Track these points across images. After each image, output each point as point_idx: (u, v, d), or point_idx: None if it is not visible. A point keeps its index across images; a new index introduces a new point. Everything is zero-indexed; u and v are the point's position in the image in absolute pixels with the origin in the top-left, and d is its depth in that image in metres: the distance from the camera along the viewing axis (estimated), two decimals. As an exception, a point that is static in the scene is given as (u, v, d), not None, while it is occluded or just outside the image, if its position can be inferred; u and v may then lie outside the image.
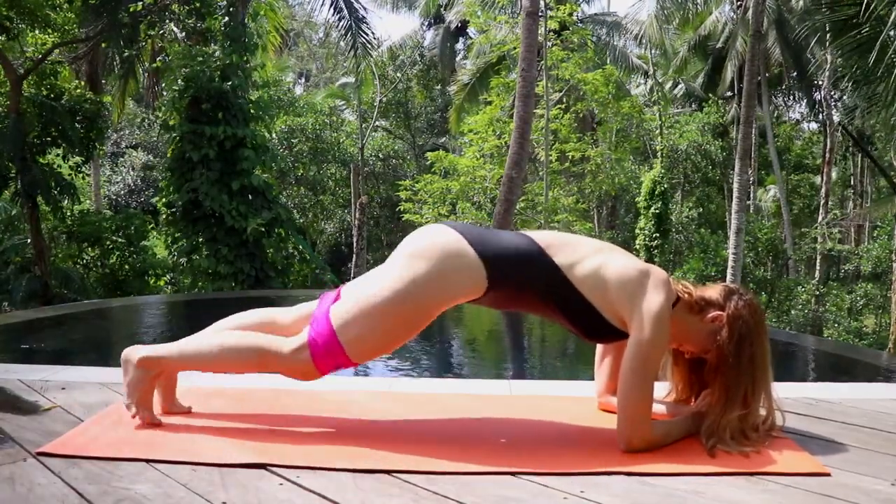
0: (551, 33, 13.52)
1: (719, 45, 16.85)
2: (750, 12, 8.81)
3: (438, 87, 21.68)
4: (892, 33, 5.52)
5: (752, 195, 16.49)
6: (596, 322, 1.57)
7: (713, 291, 1.64)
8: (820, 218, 15.59)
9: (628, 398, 1.49)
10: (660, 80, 17.42)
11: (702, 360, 1.66)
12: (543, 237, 1.61)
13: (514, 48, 12.65)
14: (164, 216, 8.29)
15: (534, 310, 1.67)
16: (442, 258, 1.53)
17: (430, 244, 1.56)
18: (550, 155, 13.41)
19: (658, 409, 1.72)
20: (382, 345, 1.59)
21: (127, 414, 1.66)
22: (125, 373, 1.61)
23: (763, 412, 1.61)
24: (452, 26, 20.33)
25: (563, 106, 14.49)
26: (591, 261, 1.56)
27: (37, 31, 7.81)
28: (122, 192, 16.66)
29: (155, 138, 18.00)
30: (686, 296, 1.62)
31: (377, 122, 21.55)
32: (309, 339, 1.53)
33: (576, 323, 1.60)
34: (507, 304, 1.68)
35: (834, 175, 17.21)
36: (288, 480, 1.32)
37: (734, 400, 1.54)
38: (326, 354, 1.52)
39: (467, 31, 20.16)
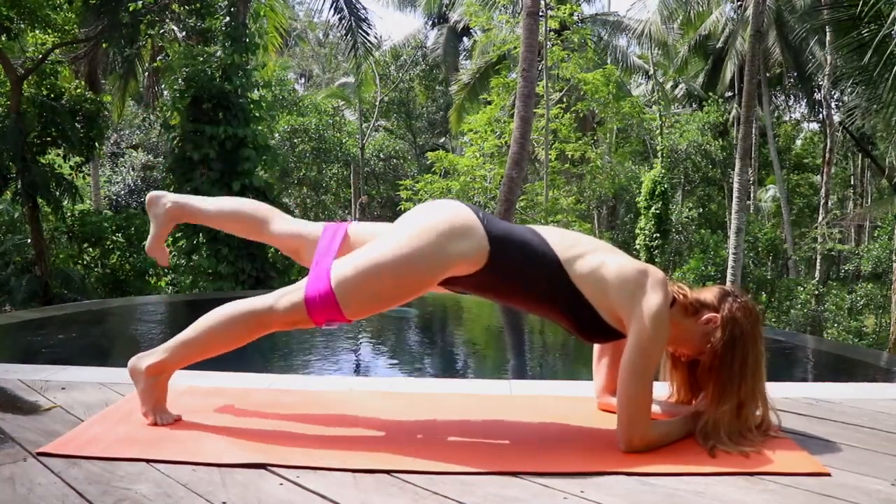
0: (552, 33, 13.53)
1: (719, 44, 16.84)
2: (750, 12, 8.80)
3: (441, 87, 21.65)
4: (894, 33, 5.51)
5: (752, 195, 16.48)
6: (592, 321, 1.57)
7: (708, 293, 1.64)
8: (820, 218, 15.58)
9: (628, 398, 1.49)
10: (660, 80, 17.40)
11: (700, 362, 1.66)
12: (548, 233, 1.62)
13: (515, 48, 12.66)
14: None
15: (529, 304, 1.65)
16: (448, 226, 1.54)
17: (438, 212, 1.58)
18: (550, 155, 13.41)
19: (658, 409, 1.73)
20: (378, 305, 1.59)
21: (127, 414, 1.66)
22: (136, 383, 1.63)
23: (758, 414, 1.61)
24: (459, 27, 20.30)
25: (563, 106, 14.50)
26: (591, 259, 1.56)
27: (37, 31, 7.80)
28: (122, 192, 16.62)
29: (155, 138, 17.99)
30: (681, 297, 1.62)
31: (378, 122, 21.55)
32: (306, 295, 1.54)
33: (572, 321, 1.59)
34: (503, 293, 1.66)
35: (833, 174, 17.19)
36: (288, 480, 1.32)
37: (727, 401, 1.54)
38: (323, 309, 1.53)
39: (471, 31, 20.13)
